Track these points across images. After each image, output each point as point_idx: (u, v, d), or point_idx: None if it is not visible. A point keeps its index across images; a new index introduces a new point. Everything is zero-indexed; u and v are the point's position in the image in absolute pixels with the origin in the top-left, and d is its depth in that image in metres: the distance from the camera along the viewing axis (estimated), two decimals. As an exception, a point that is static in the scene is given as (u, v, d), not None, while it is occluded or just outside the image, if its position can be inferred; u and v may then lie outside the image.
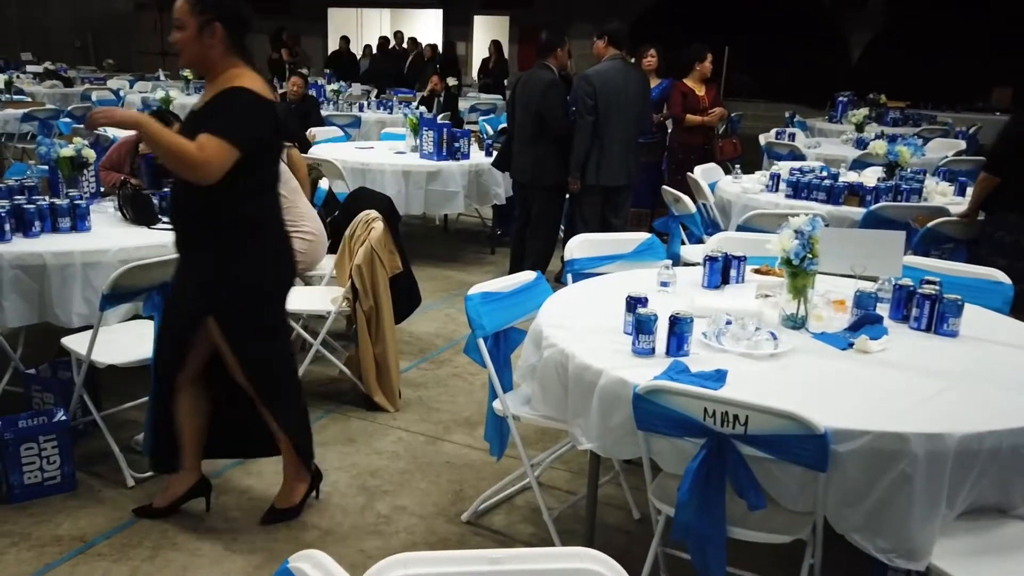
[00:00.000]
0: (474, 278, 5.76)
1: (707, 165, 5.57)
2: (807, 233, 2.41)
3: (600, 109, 4.81)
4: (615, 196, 5.06)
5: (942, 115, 10.50)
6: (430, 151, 5.86)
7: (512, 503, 2.87)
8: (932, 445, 1.83)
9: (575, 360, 2.22)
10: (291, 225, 3.82)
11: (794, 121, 9.47)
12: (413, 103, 9.93)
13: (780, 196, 4.78)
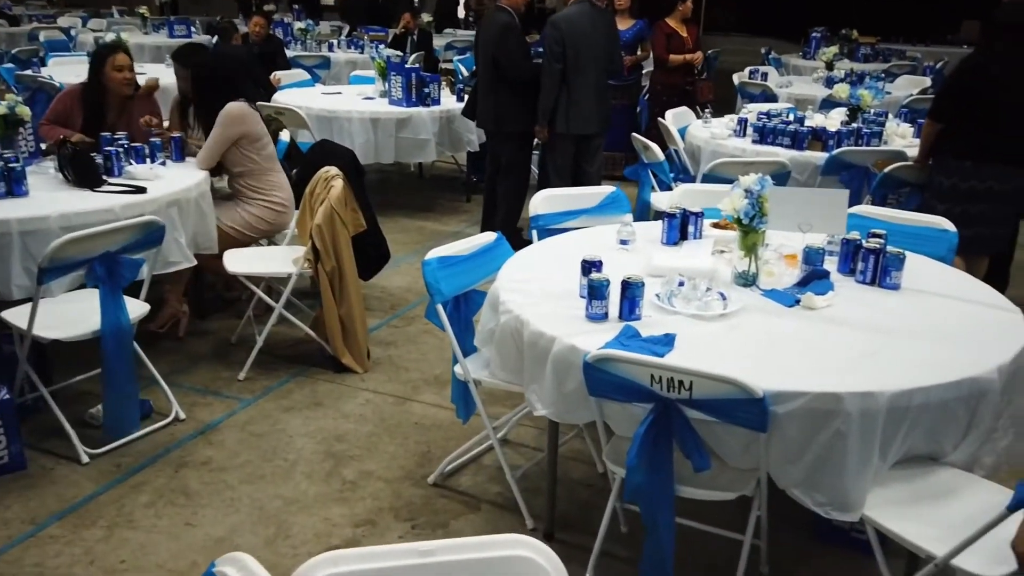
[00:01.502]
0: (448, 228, 5.76)
1: (679, 109, 5.52)
2: (756, 192, 2.42)
3: (568, 56, 4.72)
4: (587, 144, 5.02)
5: (912, 49, 10.42)
6: (399, 97, 5.76)
7: (480, 463, 2.94)
8: (864, 403, 1.91)
9: (529, 327, 2.26)
10: (260, 194, 3.81)
11: (769, 58, 9.36)
12: (385, 42, 9.71)
13: (747, 141, 4.78)
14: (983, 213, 3.87)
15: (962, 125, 3.80)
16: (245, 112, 3.71)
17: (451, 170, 7.06)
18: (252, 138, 3.73)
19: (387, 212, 5.87)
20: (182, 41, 9.90)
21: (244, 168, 3.78)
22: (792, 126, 4.70)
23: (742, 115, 5.07)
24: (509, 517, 2.63)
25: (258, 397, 3.35)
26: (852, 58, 9.48)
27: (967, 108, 3.78)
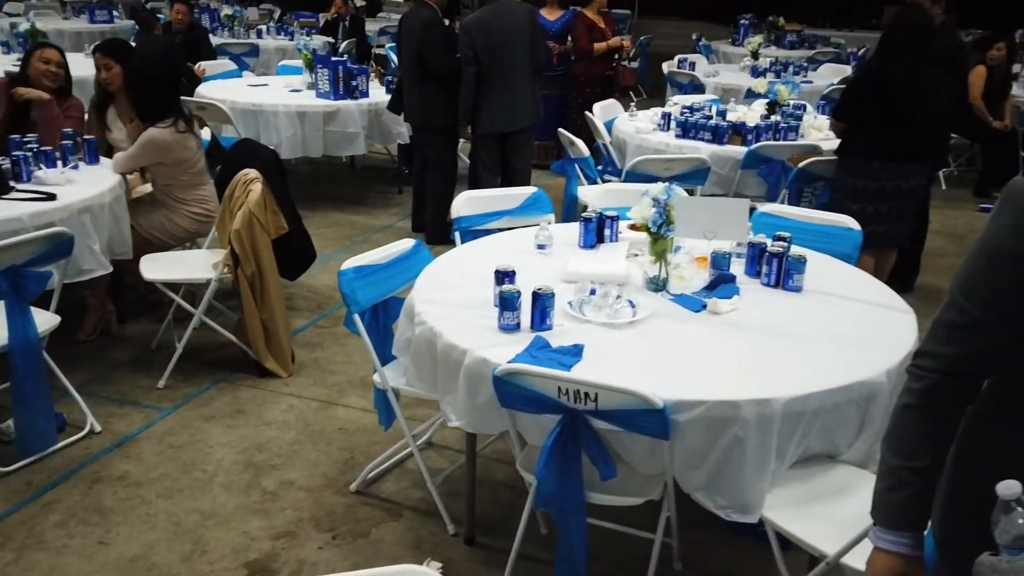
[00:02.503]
0: (379, 222, 5.73)
1: (606, 102, 5.59)
2: (663, 201, 2.48)
3: (483, 59, 4.71)
4: (514, 140, 5.04)
5: (836, 35, 10.68)
6: (326, 90, 5.68)
7: (404, 467, 2.97)
8: (760, 410, 1.99)
9: (443, 339, 2.28)
10: (185, 205, 3.73)
11: (699, 45, 9.49)
12: (316, 28, 9.54)
13: (671, 136, 4.86)
14: (892, 210, 4.03)
15: (870, 126, 3.93)
16: (168, 143, 3.60)
17: (383, 160, 7.00)
18: (175, 163, 3.66)
19: (317, 206, 5.81)
20: (104, 28, 9.63)
21: (170, 182, 3.72)
22: (713, 121, 4.80)
23: (666, 109, 5.16)
24: (431, 523, 2.67)
25: (178, 406, 3.31)
26: (779, 45, 9.68)
27: (873, 109, 3.90)
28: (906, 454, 1.36)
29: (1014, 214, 1.23)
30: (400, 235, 5.37)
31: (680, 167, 4.32)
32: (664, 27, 14.47)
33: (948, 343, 1.31)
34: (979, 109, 6.74)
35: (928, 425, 1.35)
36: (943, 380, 1.32)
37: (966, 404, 1.35)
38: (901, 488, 1.37)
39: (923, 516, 1.39)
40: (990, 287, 1.26)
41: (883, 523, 1.39)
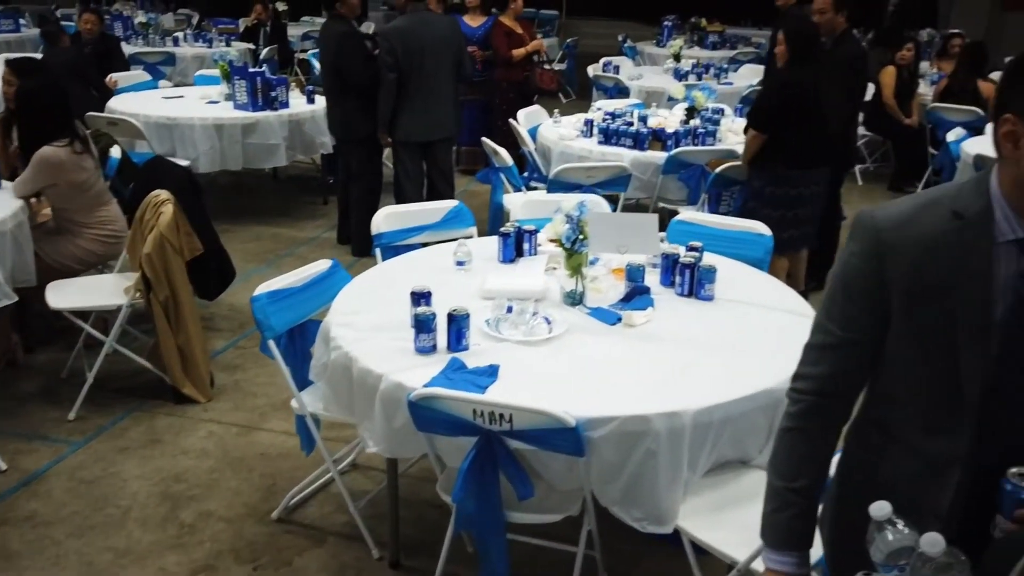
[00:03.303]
0: (304, 234, 5.63)
1: (530, 108, 5.62)
2: (576, 217, 2.50)
3: (403, 66, 4.68)
4: (435, 149, 5.02)
5: (758, 34, 10.92)
6: (244, 101, 5.55)
7: (328, 491, 2.92)
8: (671, 423, 2.03)
9: (358, 364, 2.26)
10: (89, 228, 3.59)
11: (624, 47, 9.62)
12: (236, 35, 9.33)
13: (593, 142, 4.90)
14: (804, 214, 4.16)
15: (786, 135, 4.02)
16: (62, 162, 3.46)
17: (308, 170, 6.87)
18: (70, 185, 3.52)
19: (239, 219, 5.68)
20: (9, 37, 9.22)
21: (68, 205, 3.58)
22: (634, 127, 4.87)
23: (588, 116, 5.21)
24: (355, 548, 2.64)
25: (89, 439, 3.19)
26: (702, 46, 9.87)
27: (787, 118, 4.01)
28: (788, 476, 1.42)
29: (863, 241, 1.31)
30: (326, 247, 5.36)
31: (602, 174, 4.36)
32: (592, 27, 14.62)
33: (818, 365, 1.38)
34: (891, 108, 7.00)
35: (806, 446, 1.41)
36: (817, 401, 1.38)
37: (840, 424, 1.42)
38: (785, 509, 1.42)
39: (808, 535, 1.44)
40: (848, 310, 1.33)
41: (771, 544, 1.44)
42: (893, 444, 1.35)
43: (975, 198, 1.24)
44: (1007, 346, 1.22)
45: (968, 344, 1.23)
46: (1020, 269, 1.21)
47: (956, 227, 1.23)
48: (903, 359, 1.31)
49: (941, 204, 1.26)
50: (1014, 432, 1.25)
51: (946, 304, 1.23)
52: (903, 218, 1.27)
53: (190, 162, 5.21)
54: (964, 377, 1.24)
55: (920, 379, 1.29)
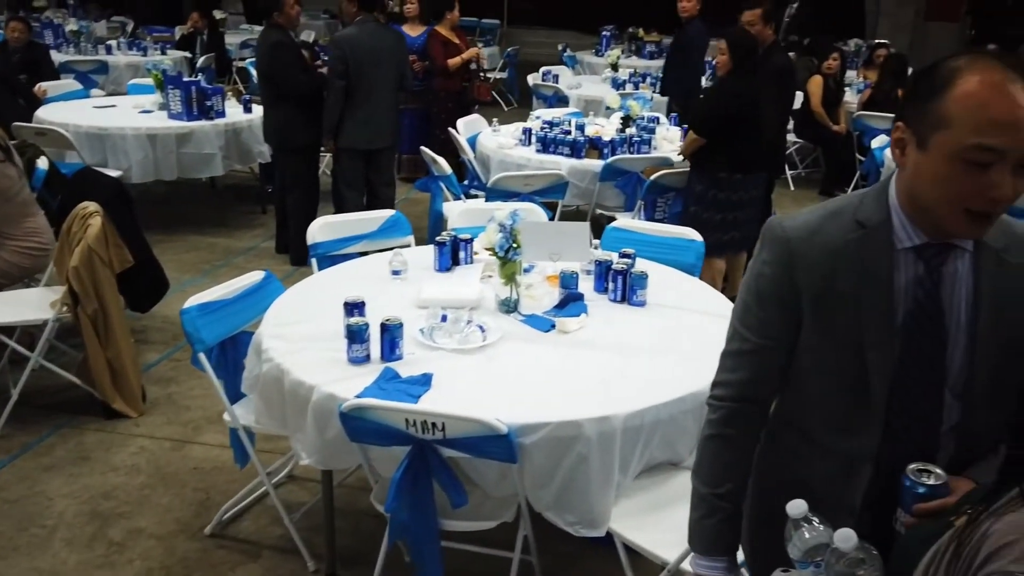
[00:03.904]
0: (241, 244, 5.55)
1: (470, 117, 5.66)
2: (509, 226, 2.53)
3: (352, 74, 4.69)
4: (377, 158, 5.02)
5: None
6: (179, 111, 5.46)
7: (263, 504, 2.88)
8: (601, 427, 2.07)
9: (290, 376, 2.25)
10: (14, 240, 3.48)
11: (564, 56, 9.73)
12: (171, 43, 9.16)
13: (532, 151, 4.96)
14: (746, 217, 4.29)
15: (729, 141, 4.15)
16: None
17: (246, 179, 6.77)
18: None
19: (175, 229, 5.58)
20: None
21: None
22: (572, 135, 4.94)
23: (527, 124, 5.27)
24: (291, 561, 2.61)
25: (14, 457, 3.09)
26: (639, 55, 10.05)
27: (732, 125, 4.14)
28: (713, 483, 1.45)
29: (772, 250, 1.35)
30: (264, 257, 5.29)
31: (539, 183, 4.41)
32: (533, 36, 14.73)
33: (735, 371, 1.42)
34: (820, 115, 7.23)
35: (728, 452, 1.45)
36: (736, 407, 1.43)
37: (760, 428, 1.46)
38: (711, 515, 1.46)
39: (735, 539, 1.48)
40: (762, 317, 1.37)
41: (699, 550, 1.48)
42: (807, 444, 1.40)
43: (876, 208, 1.29)
44: (908, 348, 1.27)
45: (873, 347, 1.28)
46: (918, 275, 1.27)
47: (859, 236, 1.28)
48: (814, 363, 1.35)
49: (845, 213, 1.31)
50: (918, 431, 1.29)
51: (852, 309, 1.28)
52: (811, 228, 1.31)
53: (122, 172, 5.11)
54: (871, 379, 1.28)
55: (830, 381, 1.34)
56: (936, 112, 1.16)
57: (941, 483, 1.22)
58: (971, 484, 1.23)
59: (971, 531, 0.95)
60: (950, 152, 1.15)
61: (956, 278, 1.26)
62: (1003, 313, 1.23)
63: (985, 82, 1.13)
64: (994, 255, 1.26)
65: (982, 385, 1.27)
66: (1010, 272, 1.24)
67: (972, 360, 1.26)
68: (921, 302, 1.26)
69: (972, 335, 1.26)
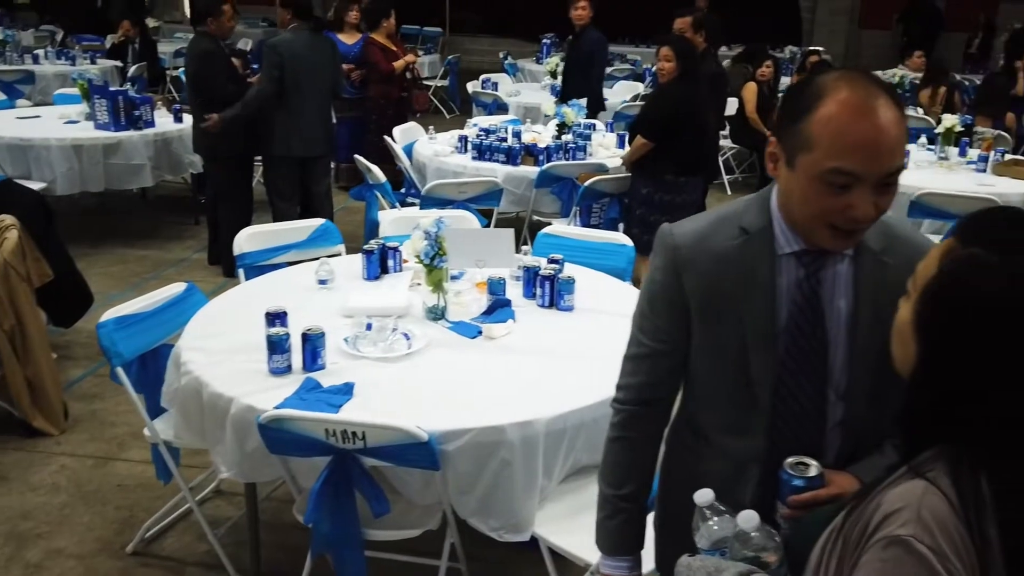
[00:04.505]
0: (173, 255, 5.44)
1: (406, 125, 5.63)
2: (434, 234, 2.54)
3: (287, 80, 4.65)
4: (312, 165, 4.97)
5: (634, 51, 11.33)
6: (106, 121, 5.33)
7: (189, 520, 2.83)
8: (524, 432, 2.08)
9: (208, 388, 2.22)
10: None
11: (506, 64, 9.78)
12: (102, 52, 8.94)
13: (467, 158, 4.97)
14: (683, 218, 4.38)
15: (675, 144, 4.25)
16: None
17: (179, 189, 6.62)
18: None
19: (103, 242, 5.44)
20: None
21: None
22: (507, 143, 4.97)
23: (463, 132, 5.28)
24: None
25: (-73, 481, 2.99)
26: (579, 63, 10.12)
27: (678, 130, 4.24)
28: (615, 484, 1.49)
29: (662, 257, 1.39)
30: (196, 269, 5.20)
31: (474, 190, 4.42)
32: (476, 44, 14.78)
33: (634, 375, 1.45)
34: (755, 121, 7.39)
35: (630, 454, 1.48)
36: (636, 410, 1.46)
37: (660, 429, 1.49)
38: (615, 516, 1.49)
39: (638, 539, 1.51)
40: (656, 322, 1.40)
41: (604, 550, 1.51)
42: (703, 444, 1.43)
43: (758, 214, 1.32)
44: (790, 351, 1.31)
45: (757, 350, 1.31)
46: (799, 279, 1.30)
47: (743, 241, 1.32)
48: (704, 366, 1.39)
49: (731, 220, 1.35)
50: (803, 429, 1.33)
51: (737, 313, 1.31)
52: (698, 234, 1.35)
53: (46, 185, 4.97)
54: (755, 381, 1.32)
55: (719, 384, 1.37)
56: (801, 133, 1.19)
57: (816, 475, 1.25)
58: (850, 478, 1.27)
59: (863, 506, 0.99)
60: (812, 174, 1.18)
61: (836, 281, 1.30)
62: (882, 314, 1.26)
63: (847, 105, 1.15)
64: (873, 257, 1.29)
65: (863, 384, 1.30)
66: (889, 273, 1.27)
67: (852, 360, 1.30)
68: (801, 305, 1.30)
69: (852, 336, 1.30)
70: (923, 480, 0.95)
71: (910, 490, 0.95)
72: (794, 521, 1.26)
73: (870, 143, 1.15)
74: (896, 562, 0.92)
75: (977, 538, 0.91)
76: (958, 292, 0.97)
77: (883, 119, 1.15)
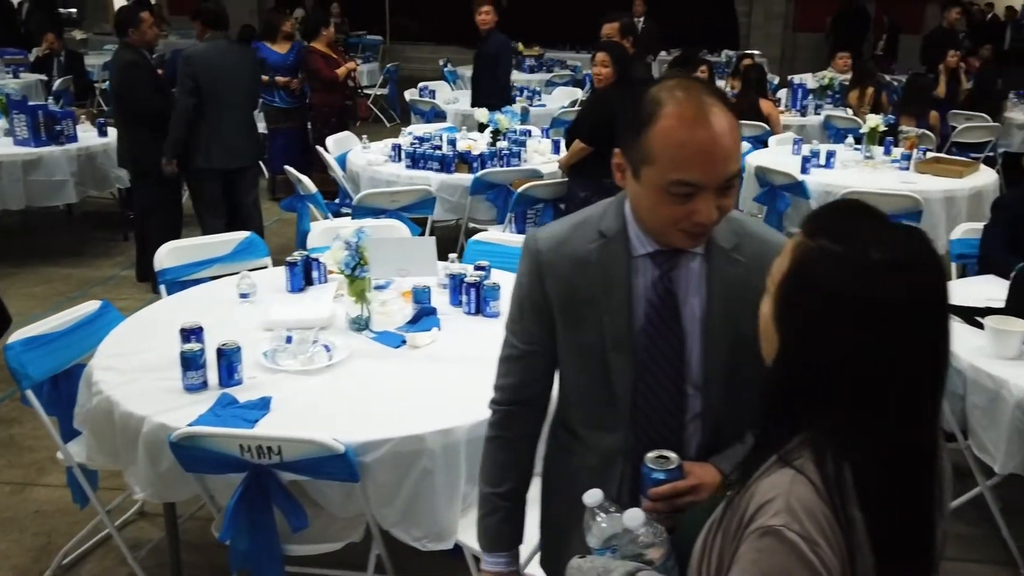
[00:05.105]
0: (100, 273, 5.30)
1: (340, 135, 5.59)
2: (354, 244, 2.52)
3: (204, 91, 4.55)
4: (238, 177, 4.88)
5: (574, 58, 11.42)
6: (25, 136, 5.17)
7: (110, 544, 2.74)
8: (446, 439, 2.07)
9: (120, 408, 2.17)
10: None
11: (445, 71, 9.78)
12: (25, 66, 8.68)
13: (401, 167, 4.94)
14: None
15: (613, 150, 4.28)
16: None
17: (107, 205, 6.44)
18: None
19: (26, 262, 5.27)
20: None
21: None
22: (442, 150, 4.95)
23: (397, 140, 5.25)
24: (137, 602, 2.50)
25: None
26: (519, 70, 10.18)
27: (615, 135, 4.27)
28: (492, 482, 1.52)
29: (527, 261, 1.43)
30: (124, 286, 5.06)
31: (406, 199, 4.40)
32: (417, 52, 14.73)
33: (508, 376, 1.50)
34: (690, 125, 7.51)
35: (506, 453, 1.52)
36: (510, 410, 1.51)
37: (536, 428, 1.53)
38: (492, 513, 1.52)
39: (515, 536, 1.54)
40: (524, 324, 1.45)
41: (483, 547, 1.54)
42: (575, 440, 1.47)
43: (615, 218, 1.37)
44: (648, 348, 1.35)
45: (614, 348, 1.35)
46: (654, 278, 1.35)
47: (600, 244, 1.36)
48: (569, 365, 1.43)
49: (590, 224, 1.39)
50: (663, 423, 1.38)
51: (596, 314, 1.36)
52: (559, 238, 1.39)
53: (-38, 203, 4.80)
54: (614, 379, 1.36)
55: (584, 382, 1.42)
56: (642, 147, 1.24)
57: (675, 467, 1.29)
58: (710, 469, 1.32)
59: (739, 497, 1.02)
60: (656, 185, 1.24)
61: (689, 279, 1.35)
62: (734, 308, 1.32)
63: (682, 117, 1.20)
64: (725, 254, 1.34)
65: (718, 377, 1.35)
66: (739, 270, 1.33)
67: (707, 354, 1.35)
68: (657, 304, 1.35)
69: (706, 331, 1.35)
70: (791, 469, 0.98)
71: (780, 479, 0.98)
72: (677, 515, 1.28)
73: (707, 154, 1.20)
74: (769, 552, 0.95)
75: (843, 520, 0.95)
76: (809, 283, 1.00)
77: (717, 129, 1.19)
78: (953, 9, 9.58)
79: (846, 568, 0.95)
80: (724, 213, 1.26)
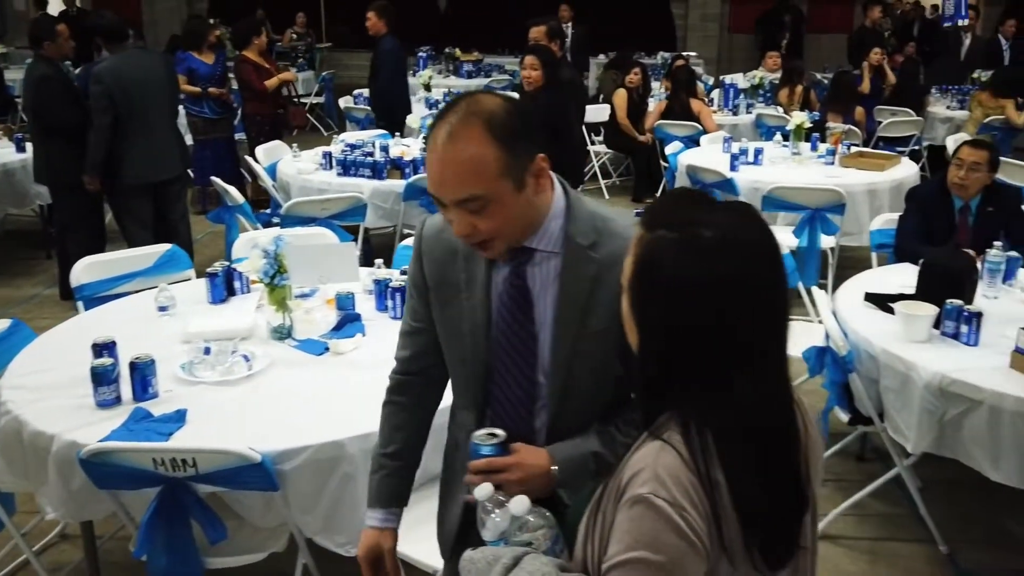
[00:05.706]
0: (22, 292, 5.14)
1: (271, 144, 5.51)
2: (272, 252, 2.49)
3: (120, 106, 4.40)
4: (167, 189, 4.76)
5: (512, 62, 11.46)
6: (-62, 154, 5.00)
7: (28, 569, 2.65)
8: (365, 444, 2.05)
9: (29, 427, 2.11)
10: None
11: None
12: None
13: (332, 175, 4.90)
14: None
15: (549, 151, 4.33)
16: None
17: (29, 222, 6.24)
18: None
19: (-56, 281, 5.08)
20: None
21: None
22: (373, 157, 4.92)
23: (328, 148, 5.21)
24: (58, 626, 2.42)
25: None
26: (457, 75, 10.20)
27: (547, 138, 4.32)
28: (382, 443, 1.66)
29: (415, 244, 1.55)
30: (47, 305, 4.91)
31: (337, 206, 4.36)
32: (356, 59, 14.59)
33: (403, 349, 1.64)
34: (626, 126, 7.61)
35: (396, 417, 1.65)
36: (403, 379, 1.65)
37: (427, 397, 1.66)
38: (377, 471, 1.65)
39: (393, 495, 1.66)
40: (412, 303, 1.59)
41: (368, 503, 1.66)
42: (453, 416, 1.63)
43: None
44: (499, 339, 1.46)
45: (472, 334, 1.47)
46: (508, 274, 1.45)
47: None
48: (444, 344, 1.55)
49: None
50: (514, 408, 1.48)
51: (459, 300, 1.48)
52: (439, 226, 1.50)
53: None
54: (470, 362, 1.49)
55: (452, 362, 1.55)
56: None
57: (498, 443, 1.38)
58: (538, 451, 1.42)
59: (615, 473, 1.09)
60: None
61: (545, 274, 1.44)
62: (582, 302, 1.41)
63: (431, 134, 1.34)
64: (582, 251, 1.42)
65: (566, 368, 1.43)
66: (594, 266, 1.40)
67: (556, 346, 1.43)
68: (511, 296, 1.45)
69: (556, 324, 1.43)
70: (659, 440, 1.05)
71: (648, 451, 1.05)
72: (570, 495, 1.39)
73: (433, 174, 1.33)
74: (640, 519, 1.01)
75: (707, 484, 1.02)
76: (653, 272, 1.06)
77: (443, 155, 1.30)
78: (875, 8, 9.91)
79: (712, 530, 1.01)
80: (484, 233, 1.33)
